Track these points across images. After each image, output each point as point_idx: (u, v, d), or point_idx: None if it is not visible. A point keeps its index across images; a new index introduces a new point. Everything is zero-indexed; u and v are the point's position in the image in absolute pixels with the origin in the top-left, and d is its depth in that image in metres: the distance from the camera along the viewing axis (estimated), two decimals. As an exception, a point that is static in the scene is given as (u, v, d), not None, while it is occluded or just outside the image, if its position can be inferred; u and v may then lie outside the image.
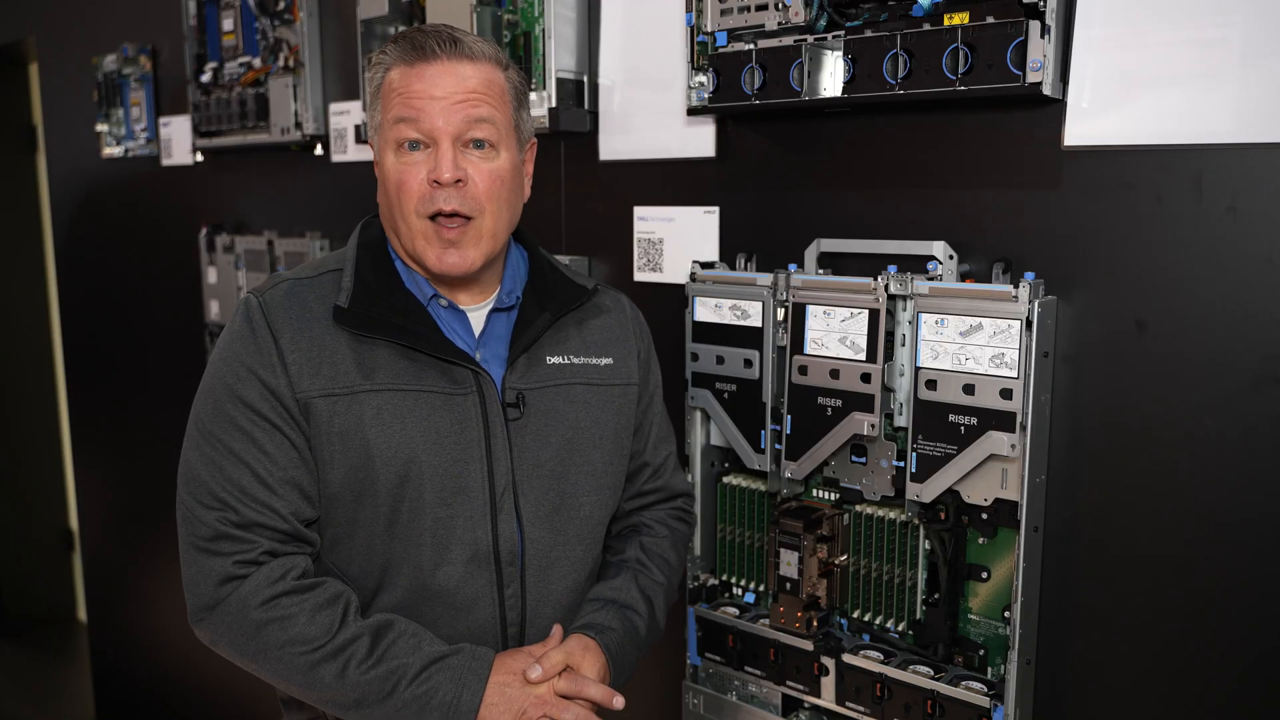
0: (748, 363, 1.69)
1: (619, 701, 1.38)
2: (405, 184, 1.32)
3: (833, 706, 1.64)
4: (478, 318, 1.43)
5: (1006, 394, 1.41)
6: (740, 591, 1.81)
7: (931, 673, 1.54)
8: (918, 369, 1.50)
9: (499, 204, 1.35)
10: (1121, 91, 1.37)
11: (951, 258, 1.53)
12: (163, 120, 3.07)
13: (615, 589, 1.48)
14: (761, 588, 1.78)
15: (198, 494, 1.30)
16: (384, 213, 1.39)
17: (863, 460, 1.61)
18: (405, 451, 1.32)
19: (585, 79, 1.95)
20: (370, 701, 1.28)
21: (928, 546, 1.56)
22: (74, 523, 4.89)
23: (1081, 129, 1.41)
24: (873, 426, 1.54)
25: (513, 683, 1.32)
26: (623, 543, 1.57)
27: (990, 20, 1.36)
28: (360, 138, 2.42)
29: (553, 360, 1.44)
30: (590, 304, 1.51)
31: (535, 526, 1.40)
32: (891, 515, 1.60)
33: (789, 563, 1.62)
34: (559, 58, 1.90)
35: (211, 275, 2.90)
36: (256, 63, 2.60)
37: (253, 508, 1.29)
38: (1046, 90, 1.35)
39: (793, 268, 1.65)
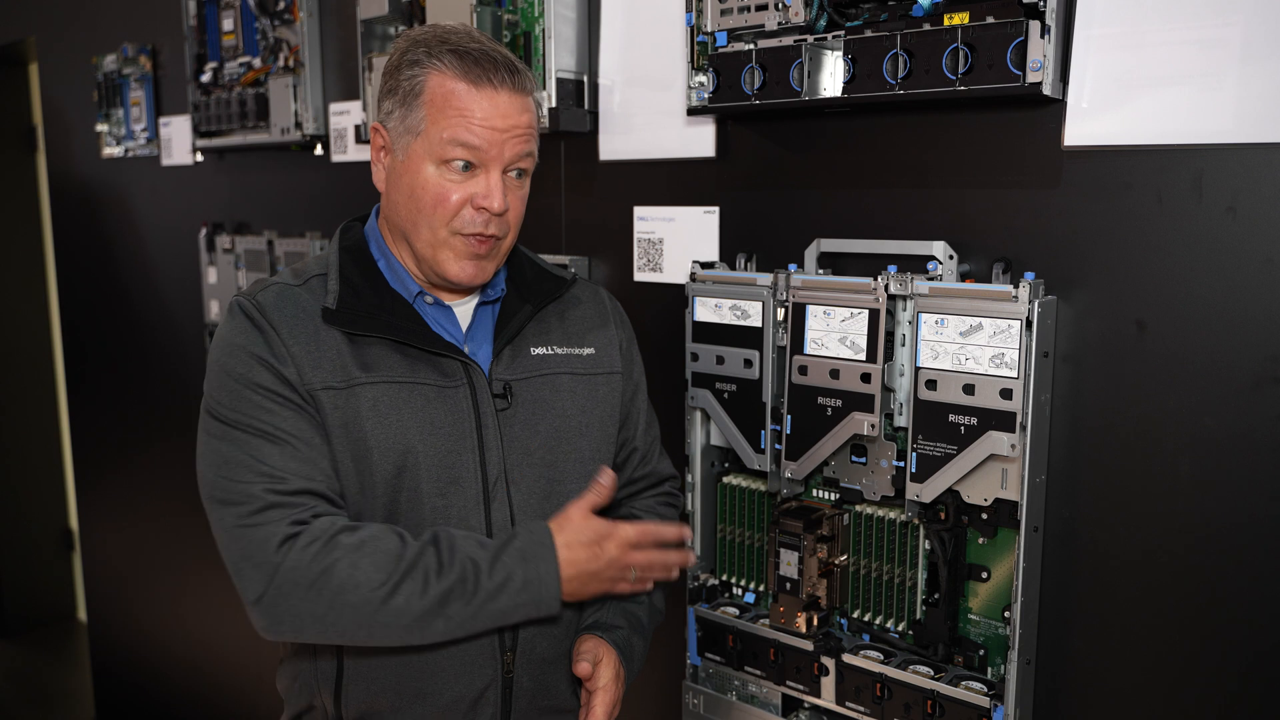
0: (748, 363, 1.69)
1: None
2: (445, 200, 1.34)
3: (833, 706, 1.64)
4: (464, 312, 1.46)
5: (1006, 394, 1.41)
6: (740, 591, 1.81)
7: (931, 673, 1.54)
8: (918, 369, 1.50)
9: (519, 225, 1.42)
10: (1121, 91, 1.37)
11: (951, 258, 1.53)
12: (163, 120, 3.07)
13: None
14: (761, 588, 1.78)
15: (236, 475, 1.29)
16: (400, 212, 1.38)
17: (863, 460, 1.61)
18: (402, 442, 1.34)
19: (585, 79, 1.95)
20: (454, 598, 1.28)
21: (928, 546, 1.56)
22: (74, 523, 4.89)
23: (1081, 129, 1.41)
24: (873, 426, 1.54)
25: (576, 524, 1.36)
26: None
27: (990, 20, 1.36)
28: (361, 138, 2.41)
29: (537, 351, 1.47)
30: (569, 296, 1.55)
31: (527, 514, 1.42)
32: (891, 515, 1.60)
33: (789, 563, 1.62)
34: (559, 58, 1.90)
35: (211, 275, 2.90)
36: (256, 63, 2.60)
37: (298, 476, 1.29)
38: (1046, 90, 1.35)
39: (793, 268, 1.65)
